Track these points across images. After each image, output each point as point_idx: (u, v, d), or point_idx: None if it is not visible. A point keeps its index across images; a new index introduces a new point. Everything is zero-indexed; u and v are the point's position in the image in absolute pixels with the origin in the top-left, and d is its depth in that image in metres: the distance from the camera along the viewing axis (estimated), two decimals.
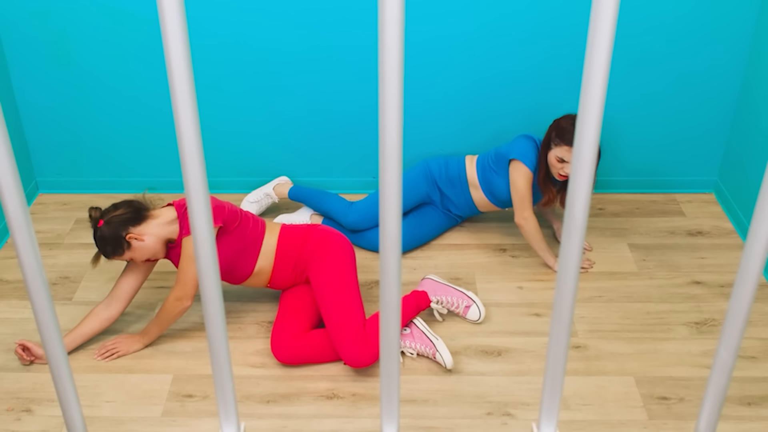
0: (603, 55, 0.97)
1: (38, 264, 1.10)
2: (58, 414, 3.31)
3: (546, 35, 4.25)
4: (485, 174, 4.14)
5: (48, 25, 4.25)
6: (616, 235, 4.37)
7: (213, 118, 4.48)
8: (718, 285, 4.00)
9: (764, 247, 1.04)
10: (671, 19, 4.20)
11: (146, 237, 3.43)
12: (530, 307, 3.87)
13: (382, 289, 1.16)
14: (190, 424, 3.29)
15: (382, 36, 0.97)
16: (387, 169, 1.05)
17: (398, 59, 0.98)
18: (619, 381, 3.46)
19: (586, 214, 1.05)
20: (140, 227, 3.43)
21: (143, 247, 3.44)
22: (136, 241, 3.42)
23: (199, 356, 3.60)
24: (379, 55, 0.98)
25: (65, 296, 3.94)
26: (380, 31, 0.97)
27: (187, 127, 1.01)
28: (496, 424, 3.28)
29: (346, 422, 3.29)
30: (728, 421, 3.27)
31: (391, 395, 1.24)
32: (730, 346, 1.17)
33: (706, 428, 1.25)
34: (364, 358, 3.41)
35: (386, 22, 0.96)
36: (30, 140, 4.62)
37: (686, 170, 4.68)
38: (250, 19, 4.21)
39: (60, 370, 1.21)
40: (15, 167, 1.01)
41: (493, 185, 4.12)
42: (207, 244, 1.13)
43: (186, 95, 0.99)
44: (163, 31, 0.96)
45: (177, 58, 0.98)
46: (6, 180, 1.02)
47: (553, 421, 1.26)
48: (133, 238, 3.41)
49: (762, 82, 4.14)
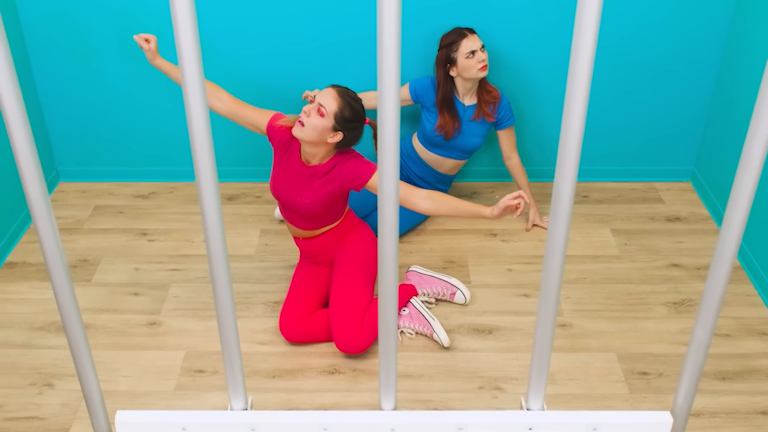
0: (587, 55, 0.96)
1: (59, 248, 1.11)
2: (78, 388, 3.30)
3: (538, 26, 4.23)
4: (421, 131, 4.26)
5: (68, 26, 4.25)
6: (599, 221, 4.36)
7: None
8: (695, 267, 3.98)
9: (738, 233, 1.06)
10: (651, 21, 4.20)
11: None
12: (519, 288, 3.86)
13: (381, 273, 1.15)
14: (201, 398, 3.27)
15: (380, 34, 0.95)
16: (385, 158, 1.04)
17: (395, 55, 0.96)
18: (602, 357, 3.45)
19: (572, 201, 1.05)
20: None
21: (323, 134, 3.24)
22: (335, 138, 3.26)
23: (209, 334, 3.58)
24: (378, 52, 0.96)
25: (84, 278, 3.93)
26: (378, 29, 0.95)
27: (198, 119, 1.03)
28: (488, 398, 3.27)
29: (346, 396, 3.28)
30: (704, 394, 3.25)
31: (388, 371, 1.24)
32: (706, 325, 1.17)
33: (683, 401, 1.25)
34: (354, 345, 3.39)
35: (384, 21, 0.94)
36: (51, 133, 4.60)
37: (665, 160, 4.67)
38: (256, 15, 4.20)
39: (79, 347, 1.22)
40: (37, 158, 1.04)
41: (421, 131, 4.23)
42: (216, 226, 1.11)
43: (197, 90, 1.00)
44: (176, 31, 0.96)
45: (188, 55, 0.98)
46: (28, 170, 1.07)
47: (540, 395, 1.26)
48: (336, 138, 3.26)
49: (735, 80, 4.14)
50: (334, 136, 3.24)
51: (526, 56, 4.31)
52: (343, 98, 3.22)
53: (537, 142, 4.59)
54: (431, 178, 4.29)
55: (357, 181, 3.34)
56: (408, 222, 4.19)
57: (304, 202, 3.41)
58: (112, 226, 4.34)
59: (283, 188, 3.46)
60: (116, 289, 3.86)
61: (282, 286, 3.86)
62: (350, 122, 3.23)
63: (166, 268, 4.00)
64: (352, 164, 3.33)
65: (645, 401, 3.24)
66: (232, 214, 4.42)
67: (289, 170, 3.44)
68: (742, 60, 4.07)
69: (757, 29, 3.92)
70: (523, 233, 4.23)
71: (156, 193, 4.64)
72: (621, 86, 4.42)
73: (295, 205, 3.45)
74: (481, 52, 3.91)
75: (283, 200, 3.49)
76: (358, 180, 3.34)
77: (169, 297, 3.81)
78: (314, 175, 3.38)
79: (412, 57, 4.29)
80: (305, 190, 3.40)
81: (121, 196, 4.62)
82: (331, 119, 3.20)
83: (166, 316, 3.69)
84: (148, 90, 4.43)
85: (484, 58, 3.92)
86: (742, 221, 1.06)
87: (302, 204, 3.42)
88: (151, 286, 3.88)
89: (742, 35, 4.06)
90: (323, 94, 3.24)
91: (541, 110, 4.49)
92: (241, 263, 4.02)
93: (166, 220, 4.39)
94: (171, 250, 4.13)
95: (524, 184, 4.25)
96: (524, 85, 4.41)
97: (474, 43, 3.89)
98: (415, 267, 3.86)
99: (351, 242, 3.62)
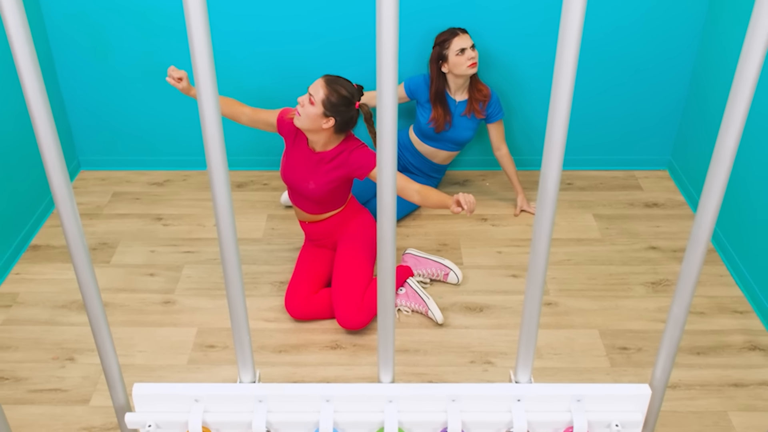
0: (571, 53, 0.96)
1: (80, 232, 1.11)
2: (98, 362, 3.30)
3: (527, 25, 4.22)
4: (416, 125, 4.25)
5: (88, 27, 4.24)
6: (582, 207, 4.35)
7: None
8: (672, 250, 3.98)
9: (712, 218, 1.06)
10: (630, 21, 4.19)
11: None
12: (508, 269, 3.85)
13: (380, 255, 1.15)
14: (212, 371, 3.27)
15: (379, 34, 0.94)
16: (384, 148, 1.03)
17: (393, 55, 0.96)
18: (585, 333, 3.45)
19: (557, 188, 1.05)
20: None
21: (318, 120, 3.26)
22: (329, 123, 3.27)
23: (220, 312, 3.58)
24: (377, 51, 0.95)
25: (103, 260, 3.92)
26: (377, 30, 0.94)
27: (209, 112, 1.03)
28: (479, 371, 3.27)
29: (347, 369, 3.28)
30: (680, 368, 3.26)
31: (387, 346, 1.24)
32: (682, 303, 1.17)
33: (661, 375, 1.25)
34: (353, 321, 3.39)
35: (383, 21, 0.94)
36: (73, 125, 4.59)
37: (643, 150, 4.66)
38: (259, 15, 4.18)
39: (99, 324, 1.23)
40: (59, 149, 1.04)
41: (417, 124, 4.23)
42: (226, 212, 1.10)
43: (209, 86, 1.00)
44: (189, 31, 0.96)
45: (201, 57, 0.97)
46: (52, 160, 1.07)
47: (528, 369, 1.26)
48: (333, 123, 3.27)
49: (709, 75, 4.13)
50: (327, 122, 3.26)
51: (515, 54, 4.30)
52: (329, 85, 3.22)
53: (525, 133, 4.58)
54: (426, 167, 4.28)
55: (361, 170, 3.36)
56: (405, 208, 4.18)
57: (310, 186, 3.41)
58: (129, 211, 4.33)
59: (291, 173, 3.47)
60: (133, 270, 3.86)
61: (287, 267, 3.86)
62: (338, 107, 3.23)
63: (179, 251, 4.00)
64: (357, 154, 3.35)
65: (625, 374, 3.24)
66: (241, 200, 4.41)
67: (297, 157, 3.45)
68: (715, 57, 4.06)
69: (729, 28, 3.92)
70: (512, 218, 4.23)
71: (170, 180, 4.63)
72: (603, 81, 4.41)
73: (303, 189, 3.45)
74: (470, 50, 3.90)
75: (291, 185, 3.50)
76: (361, 169, 3.36)
77: (183, 277, 3.81)
78: (321, 161, 3.39)
79: (409, 55, 4.27)
80: (312, 174, 3.41)
81: (137, 183, 4.61)
82: (320, 106, 3.21)
83: (179, 295, 3.69)
84: (163, 85, 4.41)
85: (473, 56, 3.91)
86: (716, 207, 1.06)
87: (309, 188, 3.42)
88: (166, 267, 3.88)
89: (715, 34, 4.05)
90: (314, 84, 3.26)
91: (529, 104, 4.48)
92: (250, 246, 4.02)
93: (180, 205, 4.39)
94: (184, 233, 4.13)
95: (512, 173, 4.24)
96: (513, 81, 4.40)
97: (464, 41, 3.88)
98: (411, 250, 3.85)
99: (353, 226, 3.62)
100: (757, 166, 3.58)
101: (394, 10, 0.94)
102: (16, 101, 3.96)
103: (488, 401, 1.24)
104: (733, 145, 1.00)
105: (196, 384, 1.24)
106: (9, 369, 3.28)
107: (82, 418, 3.05)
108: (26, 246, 4.03)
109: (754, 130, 3.58)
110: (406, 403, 1.24)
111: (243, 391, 1.24)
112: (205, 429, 1.25)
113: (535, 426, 1.25)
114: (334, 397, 1.24)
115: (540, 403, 1.24)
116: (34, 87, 0.99)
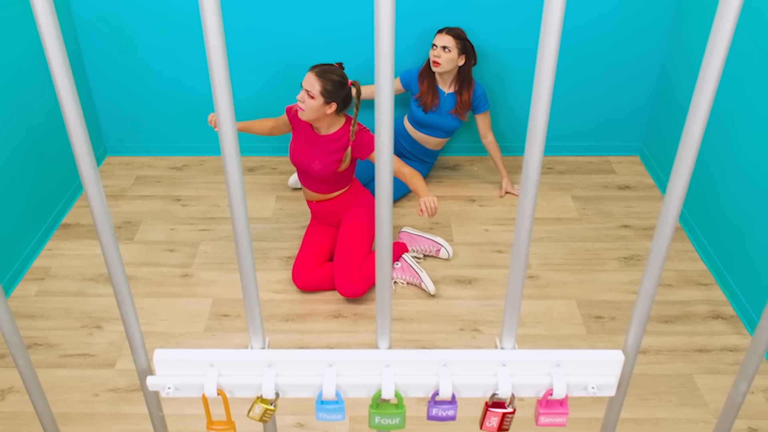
0: (551, 49, 0.96)
1: (106, 212, 1.11)
2: (122, 330, 3.30)
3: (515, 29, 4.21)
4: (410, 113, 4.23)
5: (114, 25, 4.22)
6: (561, 189, 4.34)
7: (242, 94, 4.45)
8: (642, 228, 3.98)
9: (679, 199, 1.06)
10: (605, 20, 4.18)
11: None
12: (494, 246, 3.85)
13: (378, 232, 1.15)
14: (226, 338, 3.28)
15: (377, 32, 0.94)
16: (381, 135, 1.03)
17: (389, 54, 0.95)
18: (563, 304, 3.45)
19: (539, 172, 1.05)
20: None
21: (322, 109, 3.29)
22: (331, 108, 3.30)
23: (233, 284, 3.58)
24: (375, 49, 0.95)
25: (127, 237, 3.92)
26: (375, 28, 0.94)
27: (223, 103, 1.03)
28: (467, 338, 3.27)
29: (348, 336, 3.28)
30: (650, 335, 3.26)
31: (384, 315, 1.23)
32: (652, 277, 1.17)
33: (633, 341, 1.25)
34: (351, 290, 3.40)
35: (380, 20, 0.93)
36: (100, 114, 4.57)
37: (617, 137, 4.65)
38: (277, 13, 4.17)
39: (123, 295, 1.23)
40: (87, 136, 1.05)
41: (410, 113, 4.21)
42: (238, 193, 1.10)
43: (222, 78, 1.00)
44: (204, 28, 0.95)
45: (215, 45, 0.97)
46: (80, 146, 1.07)
47: (512, 336, 1.25)
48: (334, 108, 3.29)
49: (677, 69, 4.12)
50: (330, 108, 3.28)
51: (502, 50, 4.28)
52: (321, 77, 3.21)
53: (510, 122, 4.57)
54: (419, 153, 4.27)
55: (361, 150, 3.39)
56: (401, 190, 4.18)
57: (316, 166, 3.42)
58: (150, 193, 4.32)
59: (299, 155, 3.47)
60: (154, 246, 3.86)
61: (294, 243, 3.85)
62: (335, 91, 3.25)
63: (196, 229, 4.00)
64: (358, 137, 3.37)
65: (600, 341, 3.24)
66: (252, 183, 4.41)
67: (304, 141, 3.47)
68: (682, 53, 4.05)
69: (694, 27, 3.90)
70: (498, 199, 4.22)
71: (188, 165, 4.62)
72: (580, 75, 4.39)
73: (310, 169, 3.46)
74: (440, 50, 3.88)
75: (299, 166, 3.50)
76: (362, 149, 3.39)
77: (199, 253, 3.80)
78: (327, 142, 3.40)
79: (407, 53, 4.26)
80: (318, 155, 3.42)
81: (158, 167, 4.60)
82: (320, 97, 3.23)
83: (196, 269, 3.69)
84: (182, 78, 4.40)
85: (439, 55, 3.89)
86: (683, 189, 1.06)
87: (315, 168, 3.43)
88: (184, 243, 3.88)
89: (682, 32, 4.04)
90: (306, 79, 3.24)
91: (514, 96, 4.47)
92: (260, 224, 4.01)
93: (197, 188, 4.38)
94: (200, 213, 4.13)
95: (498, 158, 4.23)
96: (500, 74, 4.38)
97: (439, 40, 3.89)
98: (406, 228, 3.85)
99: (355, 205, 3.62)
100: (720, 152, 3.57)
101: (391, 9, 0.93)
102: (49, 95, 3.95)
103: (476, 366, 1.24)
104: (699, 132, 1.00)
105: (211, 350, 1.24)
106: (42, 336, 3.28)
107: (108, 381, 3.06)
108: (57, 225, 4.02)
109: (717, 119, 3.58)
110: (402, 368, 1.24)
111: (254, 356, 1.24)
112: (219, 391, 1.25)
113: (519, 388, 1.25)
114: (336, 362, 1.24)
115: (523, 368, 1.24)
116: (64, 81, 0.99)
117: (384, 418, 1.27)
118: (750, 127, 3.33)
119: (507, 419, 1.29)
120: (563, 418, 1.29)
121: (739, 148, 3.41)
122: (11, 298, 3.51)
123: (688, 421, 2.86)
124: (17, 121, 3.69)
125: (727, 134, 3.52)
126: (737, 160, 3.44)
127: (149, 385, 1.27)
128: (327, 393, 1.23)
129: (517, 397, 1.27)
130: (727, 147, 3.52)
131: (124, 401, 2.96)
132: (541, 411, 1.28)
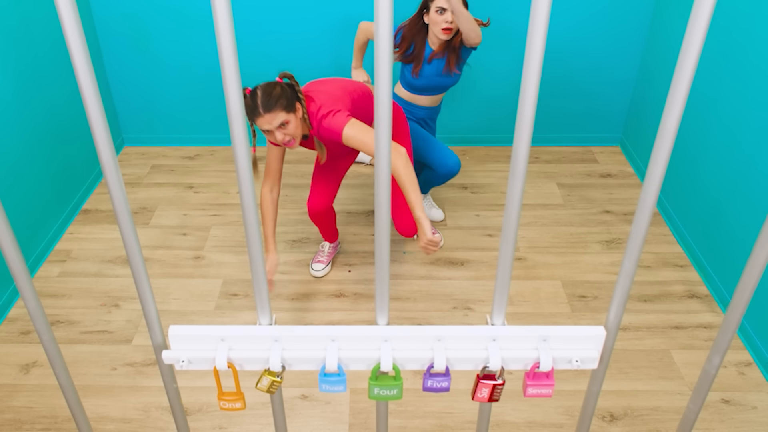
0: (538, 45, 0.95)
1: (124, 198, 1.11)
2: (139, 308, 3.30)
3: None
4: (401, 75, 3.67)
5: (131, 23, 4.21)
6: (547, 177, 4.34)
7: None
8: (623, 213, 3.98)
9: (657, 186, 1.06)
10: (587, 18, 4.17)
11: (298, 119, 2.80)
12: (485, 230, 3.85)
13: (377, 230, 1.14)
14: (235, 316, 3.28)
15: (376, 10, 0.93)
16: (381, 135, 1.03)
17: (389, 44, 0.95)
18: (549, 284, 3.46)
19: (526, 161, 1.05)
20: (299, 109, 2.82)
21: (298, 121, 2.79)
22: (298, 112, 2.80)
23: (242, 266, 3.58)
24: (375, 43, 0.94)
25: (143, 222, 3.91)
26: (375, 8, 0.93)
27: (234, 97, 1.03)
28: (460, 316, 3.27)
29: (349, 314, 3.29)
30: (630, 313, 3.27)
31: (382, 294, 1.23)
32: (632, 258, 1.17)
33: (614, 318, 1.25)
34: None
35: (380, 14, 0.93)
36: (118, 107, 4.56)
37: (599, 129, 4.64)
38: (280, 14, 4.16)
39: (140, 275, 1.23)
40: (107, 128, 1.05)
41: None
42: (247, 181, 1.10)
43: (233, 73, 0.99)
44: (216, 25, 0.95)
45: (225, 42, 0.97)
46: (100, 137, 1.06)
47: (501, 313, 1.25)
48: (299, 108, 2.80)
49: (655, 65, 4.11)
50: (298, 112, 2.79)
51: (493, 48, 4.27)
52: (271, 103, 2.71)
53: (500, 115, 4.56)
54: (416, 114, 3.75)
55: (336, 137, 2.82)
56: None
57: (346, 156, 3.31)
58: (165, 181, 4.32)
59: (328, 168, 3.31)
60: (168, 230, 3.85)
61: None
62: (286, 97, 2.72)
63: (207, 214, 3.99)
64: (325, 124, 2.82)
65: (583, 318, 3.25)
66: (259, 172, 4.40)
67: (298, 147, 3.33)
68: (660, 50, 4.04)
69: (671, 25, 3.89)
70: (488, 186, 4.22)
71: (200, 155, 4.61)
72: (564, 70, 4.38)
73: (348, 161, 3.35)
74: (449, 13, 3.25)
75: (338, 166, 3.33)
76: (336, 137, 2.81)
77: (210, 236, 3.80)
78: (321, 138, 2.95)
79: None
80: (337, 152, 3.21)
81: (172, 157, 4.59)
82: (289, 115, 2.74)
83: (208, 252, 3.69)
84: (194, 73, 4.39)
85: (449, 20, 3.26)
86: (660, 177, 1.05)
87: (351, 157, 3.34)
88: (196, 228, 3.88)
89: (660, 30, 4.02)
90: (265, 121, 2.73)
91: (504, 90, 4.45)
92: None
93: (208, 176, 4.37)
94: (212, 199, 4.12)
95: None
96: (492, 71, 4.37)
97: (443, 1, 3.26)
98: None
99: None
100: (695, 143, 3.57)
101: (390, 9, 0.93)
102: (70, 88, 3.93)
103: (468, 341, 1.24)
104: (675, 124, 1.00)
105: (221, 326, 1.25)
106: (64, 314, 3.28)
107: (126, 355, 3.06)
108: (78, 210, 4.02)
109: (693, 112, 3.57)
110: (399, 343, 1.24)
111: (261, 332, 1.24)
112: (229, 364, 1.25)
113: (508, 362, 1.25)
114: (338, 337, 1.24)
115: (512, 342, 1.24)
116: (85, 75, 0.98)
117: (383, 390, 1.28)
118: (723, 119, 3.32)
119: (497, 390, 1.29)
120: (549, 390, 1.29)
121: (713, 138, 3.41)
122: (35, 278, 3.51)
123: (665, 392, 2.87)
124: (40, 113, 3.68)
125: (702, 125, 3.52)
126: (711, 151, 3.43)
127: (164, 359, 1.27)
128: (330, 366, 1.23)
129: (506, 370, 1.27)
130: (702, 137, 3.51)
131: (141, 374, 2.97)
132: (528, 383, 1.29)
